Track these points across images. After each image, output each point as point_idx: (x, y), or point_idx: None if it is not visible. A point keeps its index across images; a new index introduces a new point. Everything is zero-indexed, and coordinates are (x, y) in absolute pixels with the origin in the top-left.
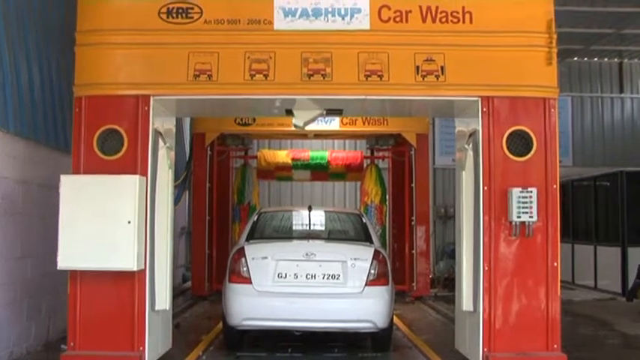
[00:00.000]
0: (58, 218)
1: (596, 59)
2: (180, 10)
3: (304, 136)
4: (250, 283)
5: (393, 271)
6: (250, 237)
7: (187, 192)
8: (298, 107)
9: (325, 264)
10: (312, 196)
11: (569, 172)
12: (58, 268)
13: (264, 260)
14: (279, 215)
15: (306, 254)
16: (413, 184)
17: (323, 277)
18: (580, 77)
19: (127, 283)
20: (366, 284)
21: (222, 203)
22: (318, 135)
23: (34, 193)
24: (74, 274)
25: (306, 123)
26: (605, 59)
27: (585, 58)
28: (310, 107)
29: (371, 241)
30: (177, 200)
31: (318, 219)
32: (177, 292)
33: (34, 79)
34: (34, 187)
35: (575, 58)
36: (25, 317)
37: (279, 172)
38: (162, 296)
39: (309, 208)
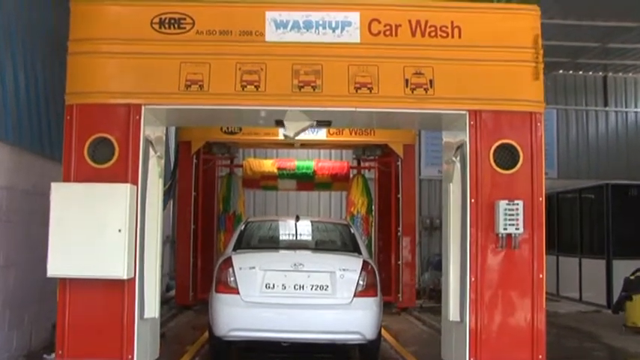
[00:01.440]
0: (42, 226)
1: (581, 72)
2: (173, 21)
3: (290, 145)
4: (238, 293)
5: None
6: (237, 246)
7: (172, 200)
8: (289, 118)
9: (314, 275)
10: (298, 205)
11: (555, 185)
12: (47, 275)
13: (251, 270)
14: (266, 225)
15: (295, 264)
16: (399, 195)
17: (311, 288)
18: (565, 90)
19: (117, 292)
20: (354, 295)
21: (208, 212)
22: (305, 144)
23: (17, 199)
24: (64, 281)
25: (297, 133)
26: (590, 73)
27: (571, 71)
28: (301, 118)
29: (359, 252)
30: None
31: (306, 229)
32: (161, 301)
33: (20, 84)
34: (18, 194)
35: (561, 71)
36: (7, 326)
37: (265, 182)
38: (151, 305)
39: (297, 218)
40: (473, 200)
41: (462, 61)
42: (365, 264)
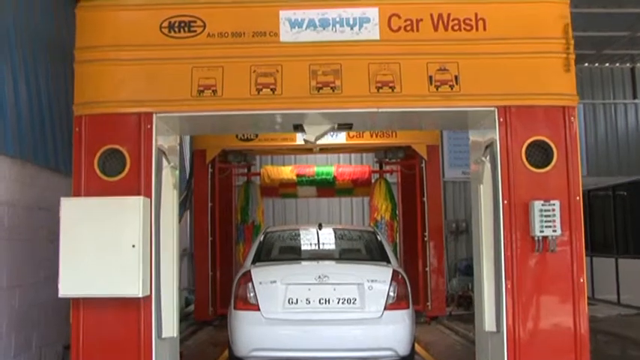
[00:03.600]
0: (48, 243)
1: (607, 64)
2: (183, 24)
3: (309, 151)
4: (258, 309)
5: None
6: (257, 259)
7: (189, 212)
8: (309, 122)
9: (340, 287)
10: (319, 213)
11: (585, 182)
12: (59, 296)
13: (272, 284)
14: (287, 235)
15: (319, 277)
16: (424, 198)
17: (338, 302)
18: (592, 83)
19: (133, 310)
20: (385, 308)
21: (226, 223)
22: (324, 149)
23: (20, 215)
24: (77, 301)
25: (318, 138)
26: (617, 64)
27: (596, 64)
28: (320, 122)
29: (388, 261)
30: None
31: (329, 238)
32: (180, 317)
33: (20, 94)
34: (21, 210)
35: (586, 64)
36: (13, 351)
37: (284, 189)
38: (169, 323)
39: (320, 226)
40: (505, 202)
41: (488, 55)
42: (395, 274)
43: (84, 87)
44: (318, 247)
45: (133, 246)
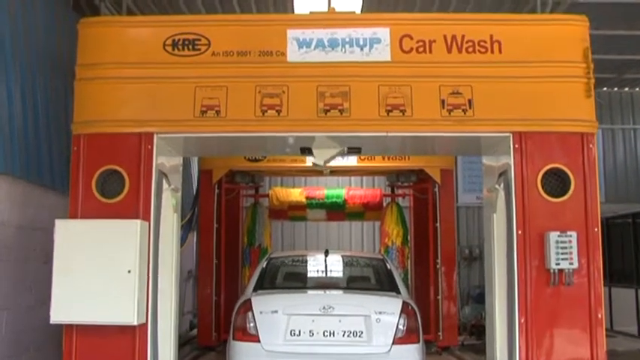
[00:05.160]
0: (41, 264)
1: (627, 89)
2: (187, 42)
3: (319, 173)
4: (258, 341)
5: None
6: (259, 287)
7: (195, 233)
8: (317, 146)
9: (346, 319)
10: (328, 237)
11: (603, 209)
12: (51, 322)
13: (274, 315)
14: (291, 261)
15: (324, 307)
16: (437, 224)
17: (343, 335)
18: (611, 108)
19: (128, 338)
20: (393, 342)
21: (232, 245)
22: (334, 172)
23: (11, 235)
24: (70, 328)
25: (327, 161)
26: (637, 88)
27: (616, 88)
28: (328, 145)
29: (397, 291)
30: (182, 242)
31: (336, 265)
32: (183, 341)
33: (15, 108)
34: (12, 229)
35: (605, 88)
36: None
37: (293, 212)
38: (165, 352)
39: (326, 253)
40: (520, 232)
41: (503, 79)
42: (405, 305)
43: (84, 105)
44: (324, 275)
45: (129, 271)
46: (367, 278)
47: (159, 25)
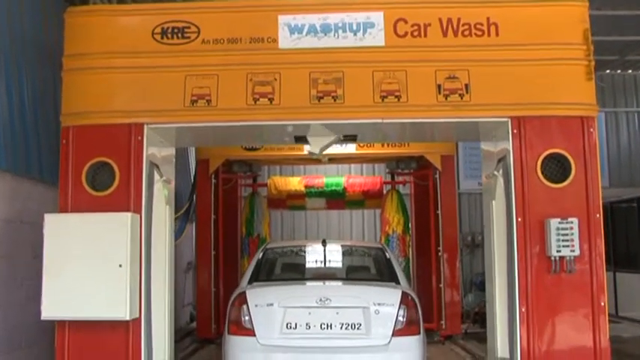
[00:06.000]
0: (31, 259)
1: (630, 71)
2: (176, 30)
3: (318, 161)
4: (253, 335)
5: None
6: (254, 278)
7: (193, 224)
8: (312, 134)
9: (343, 311)
10: (328, 226)
11: (607, 194)
12: (42, 318)
13: (269, 307)
14: (287, 251)
15: (320, 299)
16: (438, 211)
17: (341, 327)
18: (614, 91)
19: (120, 334)
20: (392, 334)
21: (230, 236)
22: (333, 159)
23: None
24: (62, 324)
25: (322, 150)
26: None
27: (619, 70)
28: (322, 133)
29: (397, 281)
30: (179, 233)
31: (334, 255)
32: (183, 333)
33: (1, 98)
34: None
35: (608, 71)
36: None
37: (292, 201)
38: (160, 347)
39: (324, 243)
40: (519, 219)
41: (500, 62)
42: (404, 296)
43: (72, 96)
44: (321, 265)
45: (120, 265)
46: (366, 268)
47: (147, 13)
